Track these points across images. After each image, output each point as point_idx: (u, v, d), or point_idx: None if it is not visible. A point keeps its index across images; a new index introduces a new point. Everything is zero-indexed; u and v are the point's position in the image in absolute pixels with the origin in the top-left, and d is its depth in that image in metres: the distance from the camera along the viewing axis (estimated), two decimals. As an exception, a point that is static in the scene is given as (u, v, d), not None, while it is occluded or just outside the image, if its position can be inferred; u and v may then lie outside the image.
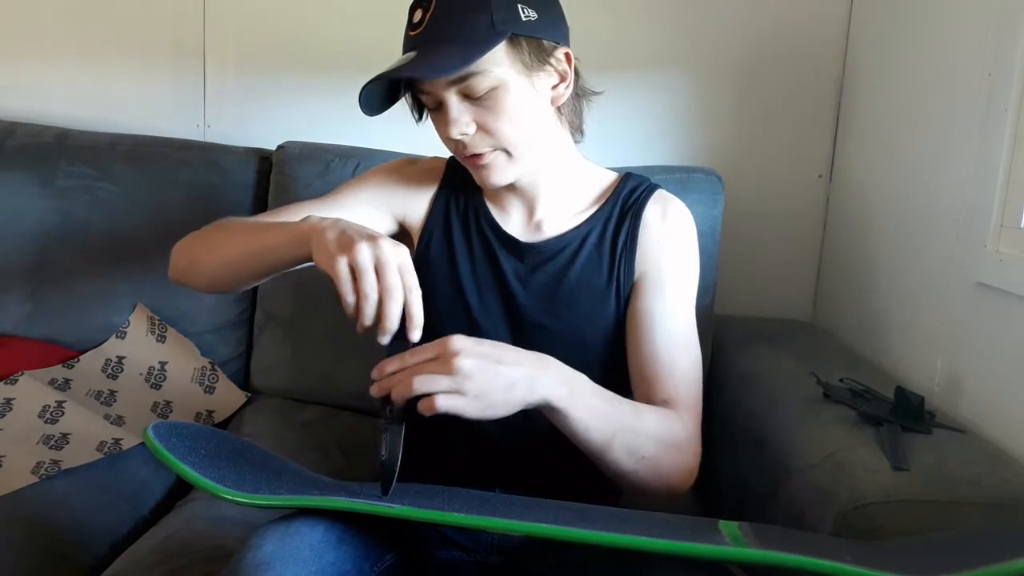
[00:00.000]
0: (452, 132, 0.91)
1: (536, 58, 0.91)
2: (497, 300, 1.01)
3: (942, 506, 0.85)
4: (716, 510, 1.24)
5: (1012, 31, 1.05)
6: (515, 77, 0.90)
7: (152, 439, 0.77)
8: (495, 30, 0.88)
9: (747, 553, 0.68)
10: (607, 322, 1.00)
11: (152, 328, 1.48)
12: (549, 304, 1.00)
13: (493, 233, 1.03)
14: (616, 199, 1.04)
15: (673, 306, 0.99)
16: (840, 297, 1.56)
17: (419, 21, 0.89)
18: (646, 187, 1.05)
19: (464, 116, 0.91)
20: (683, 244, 1.03)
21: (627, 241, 1.01)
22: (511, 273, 1.01)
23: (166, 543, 1.03)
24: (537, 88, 0.93)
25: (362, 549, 0.82)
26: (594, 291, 1.00)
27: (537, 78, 0.93)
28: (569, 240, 1.01)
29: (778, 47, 1.60)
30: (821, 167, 1.63)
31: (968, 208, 1.12)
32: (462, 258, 1.03)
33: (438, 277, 1.02)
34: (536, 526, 0.71)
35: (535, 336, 0.99)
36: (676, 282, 1.01)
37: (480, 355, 0.77)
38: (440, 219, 1.05)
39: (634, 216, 1.02)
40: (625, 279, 1.00)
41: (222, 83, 1.71)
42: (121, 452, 1.22)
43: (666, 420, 0.91)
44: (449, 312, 1.01)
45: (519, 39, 0.90)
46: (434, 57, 0.87)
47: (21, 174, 1.51)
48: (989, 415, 1.05)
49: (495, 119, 0.91)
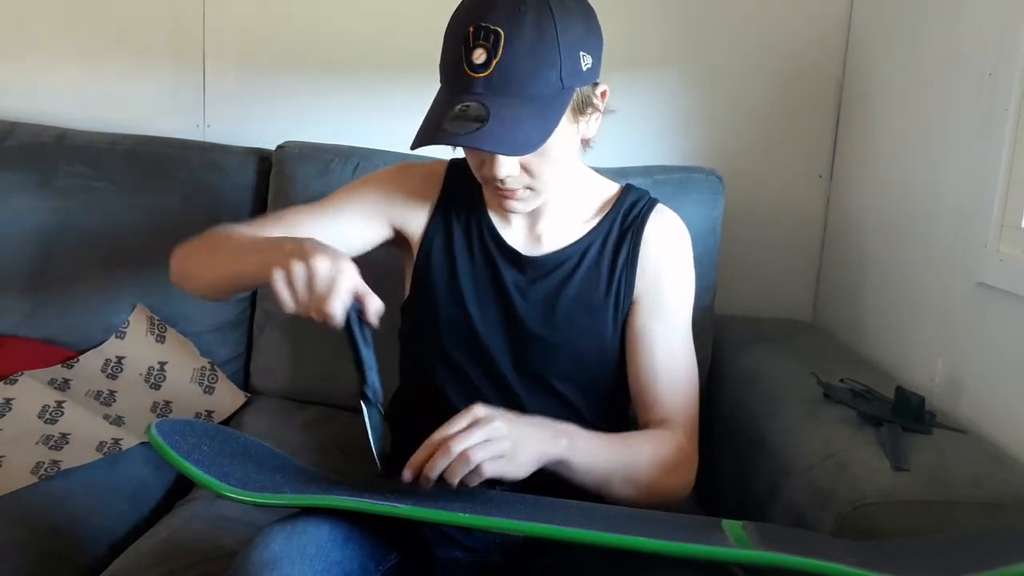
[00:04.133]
0: (499, 173, 0.89)
1: (587, 104, 0.91)
2: (497, 310, 1.01)
3: (942, 506, 0.85)
4: (716, 510, 1.24)
5: (1012, 31, 1.05)
6: (566, 126, 0.89)
7: (156, 436, 0.77)
8: (563, 86, 0.86)
9: (748, 555, 0.68)
10: (603, 336, 1.01)
11: (152, 328, 1.47)
12: (547, 316, 1.00)
13: (495, 244, 1.03)
14: (616, 213, 1.04)
15: (672, 326, 1.02)
16: (840, 297, 1.56)
17: (482, 64, 0.84)
18: (646, 202, 1.05)
19: (511, 162, 0.89)
20: (681, 263, 1.04)
21: (628, 259, 1.02)
22: (511, 284, 1.01)
23: (166, 543, 1.03)
24: (579, 127, 0.93)
25: (368, 548, 0.82)
26: (592, 305, 1.01)
27: (582, 118, 0.92)
28: (569, 254, 1.02)
29: (779, 47, 1.60)
30: (822, 167, 1.63)
31: (968, 208, 1.12)
32: (463, 268, 1.03)
33: (439, 287, 1.03)
34: (538, 526, 0.71)
35: (533, 347, 1.00)
36: (675, 302, 1.03)
37: (506, 418, 0.82)
38: (441, 228, 1.05)
39: (635, 234, 1.02)
40: (624, 297, 1.01)
41: (222, 83, 1.70)
42: (121, 452, 1.22)
43: (661, 447, 0.96)
44: (450, 321, 1.01)
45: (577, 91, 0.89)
46: (509, 127, 0.83)
47: (20, 174, 1.51)
48: (989, 415, 1.05)
49: (542, 164, 0.91)
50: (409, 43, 1.59)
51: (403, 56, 1.61)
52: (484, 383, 1.00)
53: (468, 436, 0.79)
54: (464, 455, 0.78)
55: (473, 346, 1.00)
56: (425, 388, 1.04)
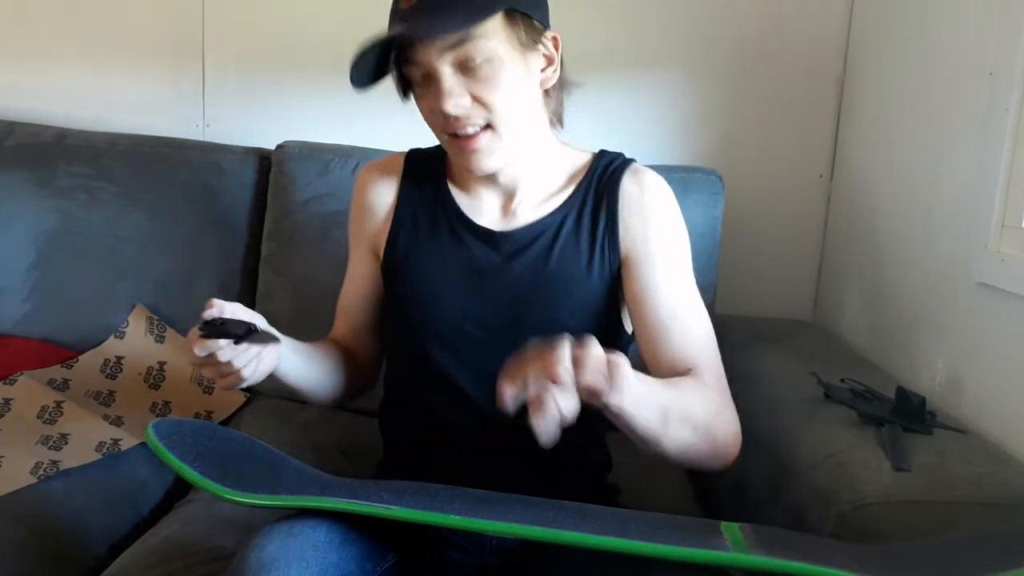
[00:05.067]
0: (447, 105, 0.88)
1: (530, 37, 0.91)
2: (472, 297, 0.97)
3: (943, 506, 0.85)
4: (716, 510, 1.24)
5: (1013, 31, 1.05)
6: (510, 52, 0.89)
7: (153, 438, 0.77)
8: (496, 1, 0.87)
9: (747, 559, 0.68)
10: (590, 307, 0.97)
11: (151, 328, 1.47)
12: (529, 294, 0.96)
13: (464, 226, 0.99)
14: (591, 178, 1.00)
15: (670, 277, 0.96)
16: (841, 297, 1.56)
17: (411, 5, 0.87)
18: (619, 162, 1.01)
19: (458, 88, 0.88)
20: (666, 213, 0.99)
21: (607, 222, 0.97)
22: (486, 266, 0.97)
23: (164, 544, 1.03)
24: (529, 67, 0.92)
25: (365, 550, 0.82)
26: (575, 277, 0.96)
27: (530, 57, 0.92)
28: (546, 226, 0.98)
29: (779, 47, 1.60)
30: (822, 167, 1.63)
31: (969, 208, 1.12)
32: (431, 256, 0.99)
33: (407, 280, 1.00)
34: (533, 529, 0.71)
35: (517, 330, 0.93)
36: (668, 253, 0.97)
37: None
38: (406, 219, 1.02)
39: (610, 194, 0.98)
40: (610, 261, 0.97)
41: (221, 83, 1.70)
42: (120, 452, 1.22)
43: (701, 388, 0.89)
44: (422, 316, 0.98)
45: (515, 15, 0.89)
46: (433, 21, 0.85)
47: (20, 174, 1.51)
48: (990, 415, 1.04)
49: (491, 91, 0.89)
50: (409, 43, 1.59)
51: (403, 56, 1.61)
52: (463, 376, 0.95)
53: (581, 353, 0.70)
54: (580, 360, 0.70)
55: (451, 340, 0.97)
56: (407, 399, 1.02)
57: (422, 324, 0.98)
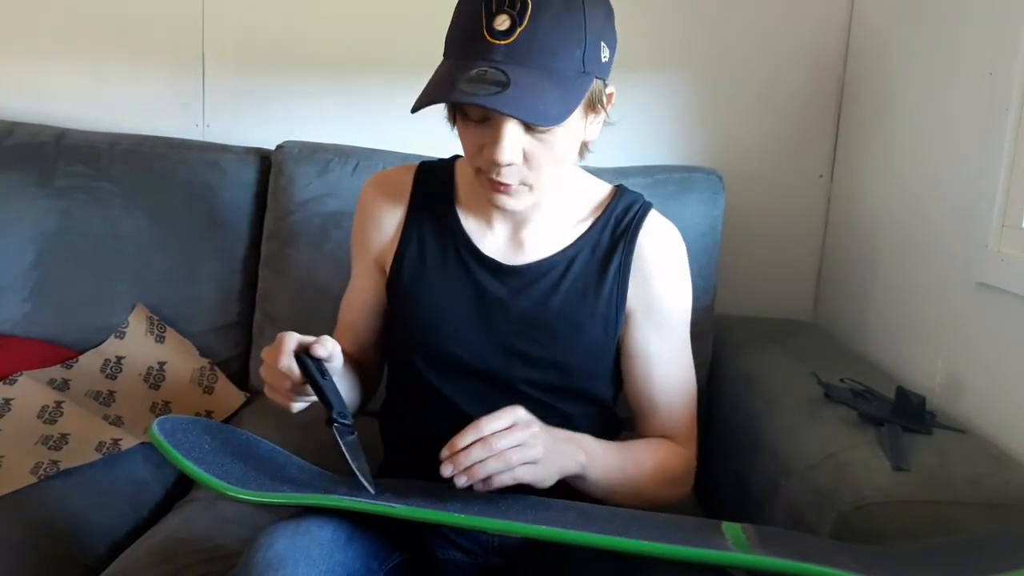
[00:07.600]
0: (502, 157, 0.82)
1: (599, 101, 0.87)
2: (475, 326, 0.95)
3: (943, 507, 0.85)
4: (716, 510, 1.24)
5: (1013, 31, 1.05)
6: (577, 119, 0.84)
7: (157, 435, 0.77)
8: (584, 71, 0.82)
9: (748, 559, 0.68)
10: (591, 349, 0.96)
11: (151, 328, 1.47)
12: (531, 330, 0.94)
13: (471, 255, 0.97)
14: (608, 218, 0.98)
15: (670, 340, 0.98)
16: (841, 297, 1.56)
17: (505, 31, 0.79)
18: (639, 207, 0.98)
19: (516, 144, 0.83)
20: (678, 276, 0.99)
21: (619, 269, 0.95)
22: (492, 298, 0.95)
23: (165, 543, 1.03)
24: (585, 123, 0.89)
25: (371, 548, 0.82)
26: (579, 318, 0.95)
27: (589, 114, 0.88)
28: (555, 263, 0.96)
29: (779, 47, 1.60)
30: (822, 167, 1.63)
31: (969, 208, 1.12)
32: (437, 282, 0.97)
33: (410, 304, 0.98)
34: (536, 528, 0.71)
35: (515, 362, 0.94)
36: (672, 314, 0.98)
37: (541, 425, 0.83)
38: (412, 241, 0.99)
39: (627, 242, 0.96)
40: (617, 309, 0.96)
41: (221, 83, 1.70)
42: (120, 452, 1.22)
43: (665, 460, 0.97)
44: (423, 340, 0.97)
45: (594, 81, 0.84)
46: (529, 96, 0.78)
47: (19, 174, 1.51)
48: (990, 415, 1.05)
49: (545, 155, 0.85)
50: (409, 43, 1.59)
51: (403, 56, 1.61)
52: (467, 402, 0.94)
53: (509, 435, 0.79)
54: (503, 454, 0.78)
55: (450, 365, 0.96)
56: (405, 410, 1.02)
57: (421, 346, 0.97)
